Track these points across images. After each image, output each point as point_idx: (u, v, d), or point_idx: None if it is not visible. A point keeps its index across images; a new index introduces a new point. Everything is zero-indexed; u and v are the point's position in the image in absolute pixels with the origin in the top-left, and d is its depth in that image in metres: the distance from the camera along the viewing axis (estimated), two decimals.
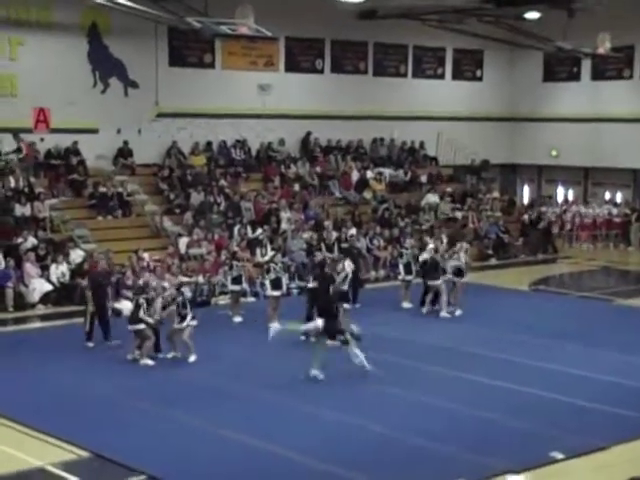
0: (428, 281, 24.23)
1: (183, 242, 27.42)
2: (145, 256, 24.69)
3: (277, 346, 20.99)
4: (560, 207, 38.41)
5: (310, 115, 34.65)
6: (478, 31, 33.69)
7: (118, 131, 30.47)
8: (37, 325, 23.41)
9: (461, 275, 24.50)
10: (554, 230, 35.82)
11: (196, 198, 30.05)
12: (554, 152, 39.15)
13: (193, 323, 19.64)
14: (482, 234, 33.48)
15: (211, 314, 22.97)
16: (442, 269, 23.97)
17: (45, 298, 24.44)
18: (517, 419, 15.82)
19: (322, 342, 18.49)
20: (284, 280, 23.11)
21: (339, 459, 13.79)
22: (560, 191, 40.63)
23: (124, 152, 30.54)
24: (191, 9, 26.36)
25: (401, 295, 25.10)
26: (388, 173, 35.56)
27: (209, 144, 32.58)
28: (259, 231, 28.76)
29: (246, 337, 21.77)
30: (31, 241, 25.58)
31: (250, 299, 24.29)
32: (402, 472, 13.41)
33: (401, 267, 25.40)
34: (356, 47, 36.31)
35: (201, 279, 24.71)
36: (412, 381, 18.13)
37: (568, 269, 32.57)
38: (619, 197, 38.77)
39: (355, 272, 23.21)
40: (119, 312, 22.45)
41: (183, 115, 31.52)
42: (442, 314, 23.84)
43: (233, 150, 33.08)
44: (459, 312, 24.08)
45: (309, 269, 24.40)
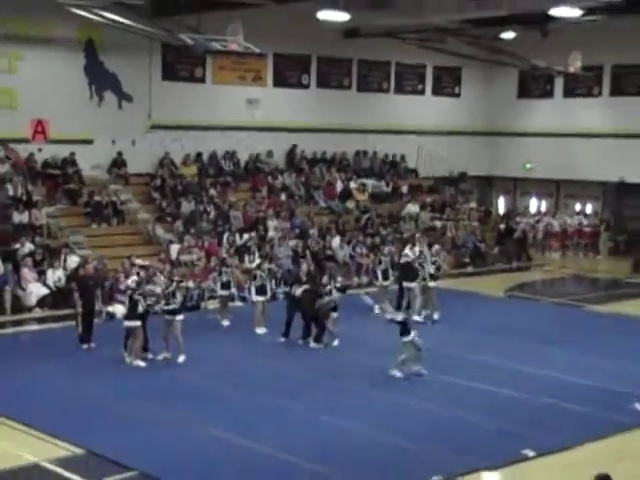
0: (404, 283, 24.25)
1: (174, 249, 27.40)
2: (138, 262, 24.70)
3: (263, 348, 21.16)
4: (534, 218, 38.55)
5: (297, 128, 34.65)
6: (457, 50, 33.82)
7: (113, 142, 30.44)
8: (34, 327, 23.34)
9: (436, 278, 24.56)
10: (528, 239, 35.93)
11: (187, 207, 30.06)
12: (528, 165, 39.26)
13: (180, 317, 19.66)
14: (460, 243, 33.57)
15: (201, 318, 22.99)
16: (417, 273, 24.03)
17: (42, 301, 24.39)
18: (492, 419, 15.88)
19: (409, 343, 18.47)
20: (269, 286, 23.18)
21: (323, 458, 13.84)
22: (534, 202, 40.72)
23: (118, 162, 30.53)
24: (184, 26, 26.43)
25: (379, 299, 25.07)
26: (370, 184, 35.61)
27: (199, 155, 32.56)
28: (246, 237, 28.81)
29: (234, 340, 21.77)
30: (28, 247, 25.52)
31: (238, 303, 24.29)
32: (381, 471, 13.43)
33: (379, 273, 25.47)
34: (341, 64, 36.36)
35: (191, 284, 24.71)
36: (390, 383, 18.14)
37: (541, 276, 32.70)
38: (589, 208, 38.90)
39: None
40: (112, 315, 22.50)
41: (175, 127, 31.53)
42: (415, 317, 23.75)
43: (223, 161, 33.10)
44: (437, 315, 24.06)
45: (294, 276, 24.43)
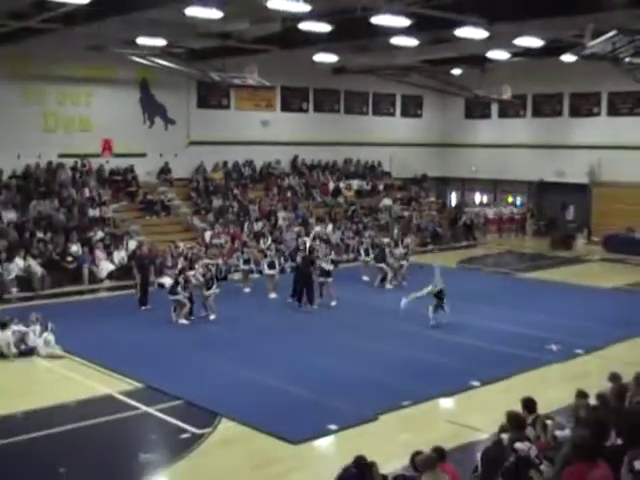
0: (376, 264, 24.37)
1: (207, 235, 27.43)
2: (180, 245, 24.76)
3: (274, 308, 21.25)
4: (477, 208, 38.59)
5: (299, 142, 34.54)
6: (419, 82, 33.73)
7: (160, 155, 30.40)
8: (105, 294, 23.44)
9: (406, 259, 24.70)
10: (474, 225, 35.94)
11: (216, 203, 30.08)
12: (473, 168, 39.18)
13: (216, 291, 19.87)
14: (423, 227, 33.62)
15: (228, 286, 23.06)
16: (386, 256, 24.12)
17: (110, 275, 24.49)
18: (445, 358, 16.01)
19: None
20: (277, 262, 23.28)
21: (320, 386, 13.98)
22: (477, 196, 40.75)
23: (165, 170, 30.52)
24: (213, 67, 26.45)
25: (362, 272, 25.27)
26: (355, 184, 35.58)
27: (225, 163, 32.52)
28: (261, 225, 28.90)
29: (253, 302, 21.86)
30: (100, 234, 25.61)
31: (256, 275, 24.21)
32: (364, 395, 13.56)
33: (362, 251, 25.61)
34: (332, 93, 36.22)
35: (220, 261, 24.81)
36: (371, 334, 18.20)
37: (483, 252, 32.69)
38: (518, 200, 38.93)
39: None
40: (162, 285, 22.61)
41: (207, 143, 31.43)
42: (387, 286, 23.87)
43: (243, 168, 33.06)
44: (405, 283, 23.97)
45: (294, 252, 24.62)
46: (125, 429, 12.63)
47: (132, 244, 25.49)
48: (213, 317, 19.57)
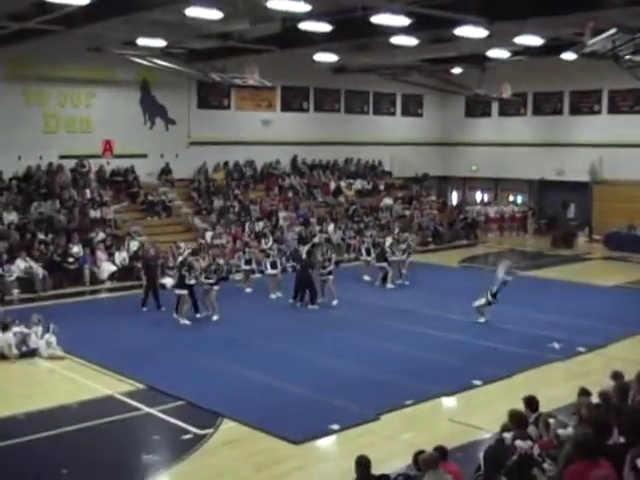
0: (376, 263, 24.32)
1: (209, 235, 27.41)
2: (181, 245, 24.74)
3: (276, 308, 21.23)
4: (479, 207, 38.57)
5: (299, 142, 34.52)
6: (419, 81, 33.72)
7: (161, 156, 30.38)
8: (106, 295, 23.42)
9: (407, 254, 24.62)
10: (477, 223, 35.86)
11: (218, 203, 30.06)
12: (474, 167, 39.18)
13: (216, 287, 19.82)
14: (424, 226, 33.60)
15: (229, 286, 23.07)
16: (387, 254, 24.06)
17: (111, 276, 24.47)
18: (447, 357, 16.00)
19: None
20: (279, 262, 23.27)
21: (322, 386, 13.97)
22: (478, 195, 40.71)
23: (166, 171, 30.49)
24: (213, 68, 26.43)
25: (363, 271, 25.19)
26: (356, 183, 35.65)
27: (226, 164, 32.49)
28: (262, 225, 28.85)
29: (255, 302, 21.82)
30: (101, 235, 25.59)
31: (257, 275, 24.15)
32: (367, 393, 13.55)
33: (363, 250, 25.57)
34: (332, 93, 36.22)
35: (222, 261, 24.75)
36: (371, 333, 18.21)
37: (484, 251, 32.69)
38: (519, 199, 38.90)
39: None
40: (164, 286, 22.55)
41: (208, 143, 31.42)
42: (388, 285, 23.84)
43: (244, 168, 33.03)
44: (407, 282, 24.06)
45: (295, 252, 24.64)
46: (127, 430, 12.61)
47: (133, 245, 25.51)
48: (216, 317, 19.54)
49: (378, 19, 19.37)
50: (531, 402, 8.84)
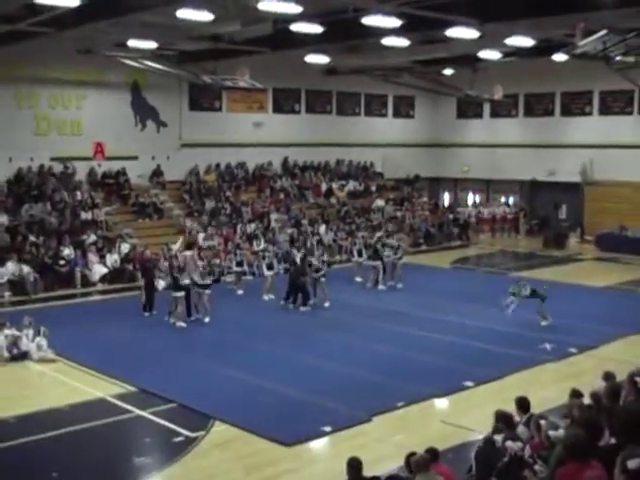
0: (370, 262, 24.31)
1: (200, 236, 27.40)
2: (173, 247, 24.68)
3: (268, 310, 21.21)
4: (470, 208, 38.61)
5: (291, 143, 34.50)
6: (410, 83, 33.71)
7: (153, 158, 30.29)
8: (97, 298, 23.37)
9: (399, 256, 24.55)
10: (469, 225, 35.88)
11: (209, 205, 30.03)
12: (465, 168, 39.18)
13: (208, 291, 19.77)
14: (415, 228, 33.63)
15: (221, 288, 23.08)
16: (380, 252, 24.01)
17: (103, 278, 24.40)
18: (438, 358, 16.00)
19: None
20: (275, 264, 23.26)
21: (314, 388, 13.95)
22: (470, 196, 40.74)
23: (157, 173, 30.42)
24: (205, 69, 26.37)
25: (354, 272, 25.19)
26: (349, 184, 35.66)
27: (218, 166, 32.45)
28: (254, 226, 28.81)
29: (246, 304, 21.80)
30: (92, 237, 25.52)
31: (249, 277, 24.17)
32: (356, 395, 13.54)
33: (354, 252, 25.55)
34: (323, 94, 36.21)
35: (217, 261, 24.68)
36: (363, 334, 18.21)
37: (476, 252, 32.75)
38: (511, 200, 38.94)
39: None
40: (156, 288, 22.51)
41: (199, 145, 31.39)
42: (380, 287, 23.79)
43: (235, 170, 33.01)
44: (400, 285, 23.98)
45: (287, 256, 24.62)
46: (118, 433, 12.57)
47: (125, 247, 25.45)
48: (207, 320, 19.50)
49: (369, 20, 19.36)
50: (522, 403, 8.84)
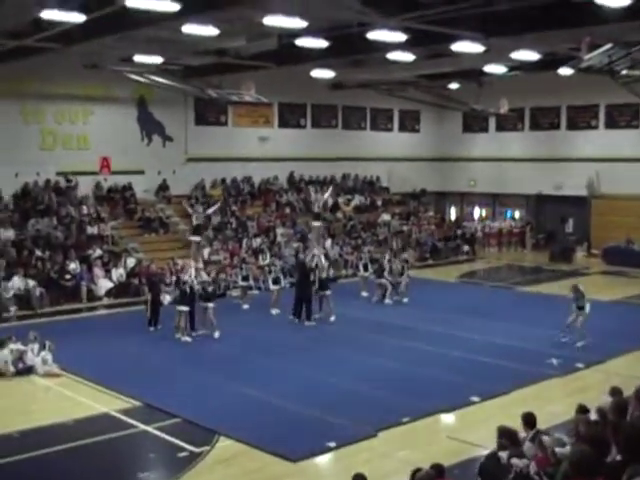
0: (375, 280, 24.29)
1: (206, 251, 27.39)
2: (179, 262, 24.71)
3: (275, 324, 21.17)
4: (477, 222, 38.59)
5: (297, 158, 34.55)
6: (416, 97, 33.77)
7: (158, 172, 30.42)
8: (103, 312, 23.36)
9: (404, 274, 24.48)
10: (475, 239, 35.81)
11: (215, 219, 30.07)
12: (472, 182, 39.23)
13: (211, 305, 19.70)
14: (422, 242, 33.61)
15: (227, 303, 23.05)
16: (384, 272, 24.03)
17: (108, 293, 24.44)
18: (444, 373, 15.91)
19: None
20: (281, 278, 23.24)
21: (319, 403, 13.90)
22: (476, 210, 40.73)
23: (163, 187, 30.52)
24: (210, 84, 26.48)
25: (360, 287, 25.15)
26: (355, 199, 35.67)
27: (224, 180, 32.55)
28: (260, 241, 28.83)
29: (252, 319, 21.77)
30: (98, 252, 25.58)
31: (255, 292, 24.18)
32: (363, 410, 13.47)
33: (360, 266, 25.53)
34: (329, 109, 36.31)
35: (223, 276, 24.67)
36: (367, 348, 18.16)
37: (483, 266, 32.69)
38: (517, 214, 38.92)
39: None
40: (161, 302, 22.50)
41: (205, 160, 31.48)
42: (386, 301, 23.80)
43: (241, 184, 33.09)
44: (406, 300, 23.93)
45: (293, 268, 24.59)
46: (123, 448, 12.53)
47: (130, 262, 25.47)
48: (217, 334, 19.37)
49: (374, 35, 19.41)
50: (529, 419, 8.79)
